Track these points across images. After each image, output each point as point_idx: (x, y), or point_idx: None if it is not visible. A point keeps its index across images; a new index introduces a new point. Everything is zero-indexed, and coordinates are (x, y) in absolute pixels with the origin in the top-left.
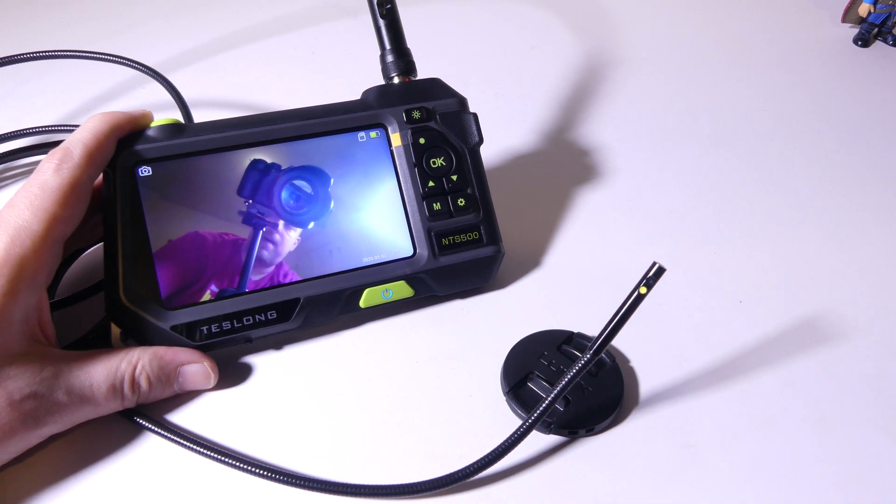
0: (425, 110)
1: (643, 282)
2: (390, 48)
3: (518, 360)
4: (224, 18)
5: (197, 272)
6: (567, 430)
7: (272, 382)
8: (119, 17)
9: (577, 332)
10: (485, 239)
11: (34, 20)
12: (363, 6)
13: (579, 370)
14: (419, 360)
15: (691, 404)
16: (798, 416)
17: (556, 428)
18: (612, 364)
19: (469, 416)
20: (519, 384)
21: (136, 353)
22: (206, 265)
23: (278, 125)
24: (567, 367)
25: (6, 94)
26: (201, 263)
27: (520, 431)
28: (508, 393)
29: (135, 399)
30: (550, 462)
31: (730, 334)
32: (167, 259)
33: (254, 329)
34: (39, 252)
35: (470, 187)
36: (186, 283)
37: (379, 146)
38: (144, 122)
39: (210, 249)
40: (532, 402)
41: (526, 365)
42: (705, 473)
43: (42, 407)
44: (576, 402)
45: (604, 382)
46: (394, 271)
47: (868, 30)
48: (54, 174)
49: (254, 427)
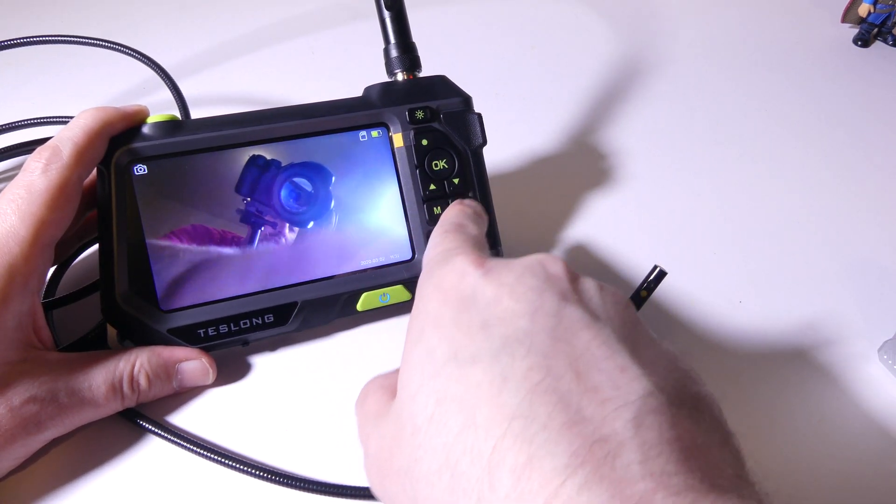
0: (429, 110)
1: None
2: (395, 42)
3: None
4: (224, 16)
5: (194, 273)
6: None
7: (272, 381)
8: (118, 15)
9: None
10: None
11: (27, 11)
12: (365, 6)
13: None
14: None
15: None
16: (799, 416)
17: None
18: None
19: None
20: None
21: (134, 353)
22: (204, 266)
23: (277, 123)
24: None
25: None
26: (199, 264)
27: None
28: None
29: (135, 398)
30: None
31: (730, 334)
32: (164, 260)
33: (251, 332)
34: (29, 258)
35: (471, 191)
36: (183, 284)
37: (380, 146)
38: (139, 118)
39: (207, 249)
40: None
41: None
42: None
43: (42, 411)
44: None
45: None
46: (392, 275)
47: (868, 30)
48: (42, 175)
49: (254, 427)
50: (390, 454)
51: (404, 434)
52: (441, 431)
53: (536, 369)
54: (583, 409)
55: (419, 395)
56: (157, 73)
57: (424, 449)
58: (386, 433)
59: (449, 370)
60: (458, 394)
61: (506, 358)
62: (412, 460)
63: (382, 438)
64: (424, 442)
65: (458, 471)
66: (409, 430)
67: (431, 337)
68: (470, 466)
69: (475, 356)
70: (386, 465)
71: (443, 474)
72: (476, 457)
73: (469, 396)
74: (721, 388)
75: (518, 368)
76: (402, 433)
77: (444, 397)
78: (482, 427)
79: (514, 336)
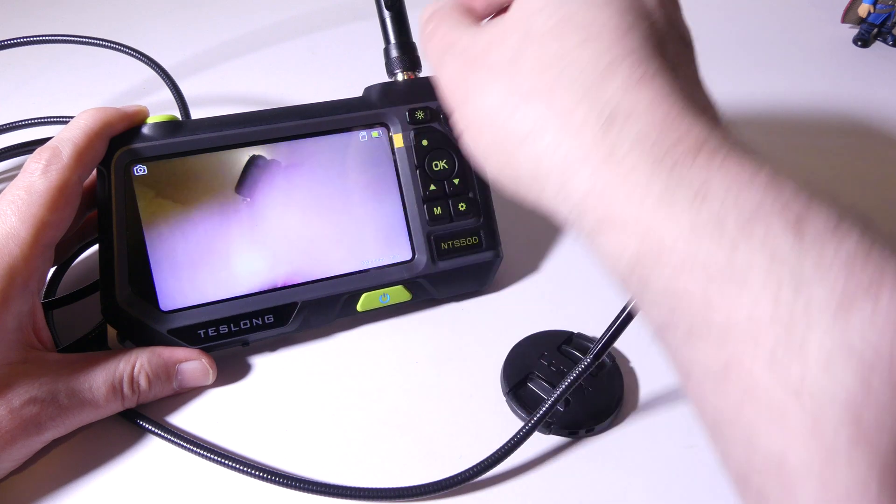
0: (429, 110)
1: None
2: (395, 42)
3: (518, 360)
4: (223, 16)
5: (194, 273)
6: (567, 431)
7: (272, 381)
8: (119, 15)
9: (578, 333)
10: (484, 244)
11: (26, 13)
12: (366, 6)
13: (580, 374)
14: (419, 361)
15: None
16: None
17: (557, 428)
18: (612, 365)
19: (469, 416)
20: (519, 385)
21: (134, 353)
22: (204, 266)
23: (277, 123)
24: (567, 368)
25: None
26: (199, 264)
27: (521, 433)
28: (508, 393)
29: (135, 399)
30: (550, 463)
31: None
32: (164, 260)
33: (251, 333)
34: (29, 259)
35: (472, 191)
36: (183, 284)
37: (380, 146)
38: (139, 118)
39: (208, 249)
40: (532, 403)
41: (526, 365)
42: (705, 474)
43: (42, 412)
44: (576, 402)
45: (604, 383)
46: (392, 275)
47: (868, 30)
48: (42, 176)
49: (254, 427)
50: (485, 51)
51: (511, 37)
52: (558, 40)
53: (655, 34)
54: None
55: (543, 11)
56: (157, 72)
57: (536, 46)
58: (480, 38)
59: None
60: (586, 21)
61: (632, 15)
62: (517, 53)
63: (475, 39)
64: (536, 43)
65: (567, 73)
66: (520, 34)
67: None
68: (580, 74)
69: (609, 2)
70: (479, 61)
71: (550, 69)
72: (589, 66)
73: (595, 27)
74: None
75: (641, 26)
76: (506, 36)
77: (568, 19)
78: (600, 50)
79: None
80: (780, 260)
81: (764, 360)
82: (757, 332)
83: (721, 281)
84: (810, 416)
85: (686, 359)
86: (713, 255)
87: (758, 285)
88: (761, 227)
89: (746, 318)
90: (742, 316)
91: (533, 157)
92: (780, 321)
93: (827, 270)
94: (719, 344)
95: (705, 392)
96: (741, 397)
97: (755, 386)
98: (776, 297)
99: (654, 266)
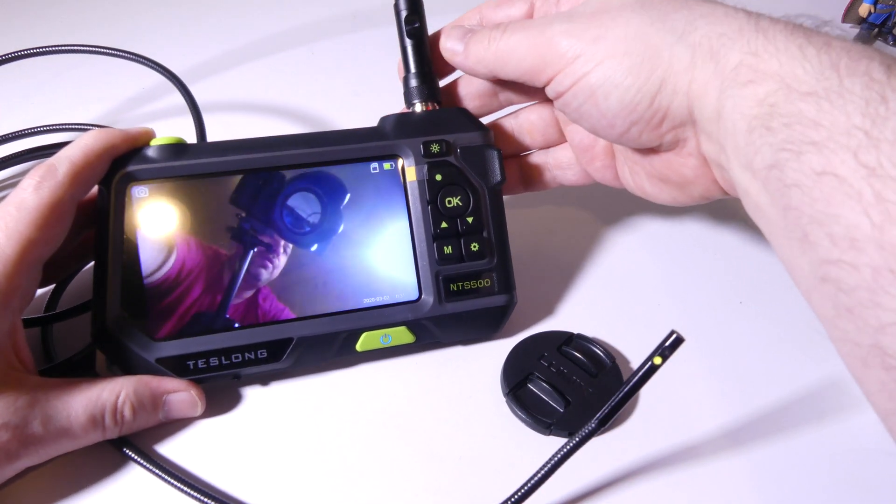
0: (445, 143)
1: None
2: (415, 72)
3: (518, 361)
4: (232, 24)
5: (188, 301)
6: (567, 432)
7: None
8: (120, 22)
9: (577, 334)
10: (496, 287)
11: (33, 22)
12: (372, 16)
13: (585, 437)
14: (419, 361)
15: (692, 405)
16: (800, 416)
17: (556, 429)
18: (612, 365)
19: (469, 417)
20: (519, 385)
21: (120, 382)
22: (199, 294)
23: (285, 151)
24: (567, 369)
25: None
26: (192, 288)
27: (555, 461)
28: (508, 394)
29: (117, 430)
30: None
31: (730, 334)
32: (158, 286)
33: (242, 367)
34: (11, 276)
35: (486, 230)
36: (176, 312)
37: (392, 179)
38: (144, 140)
39: (202, 272)
40: (532, 404)
41: (526, 366)
42: (705, 474)
43: (15, 439)
44: (576, 403)
45: (604, 383)
46: (395, 316)
47: (868, 30)
48: (33, 193)
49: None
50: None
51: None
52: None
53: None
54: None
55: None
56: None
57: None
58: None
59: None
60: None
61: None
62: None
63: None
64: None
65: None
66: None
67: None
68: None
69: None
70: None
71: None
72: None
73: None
74: (721, 388)
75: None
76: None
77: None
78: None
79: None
80: (875, 83)
81: (850, 159)
82: (847, 139)
83: (830, 101)
84: (876, 193)
85: (795, 171)
86: (830, 81)
87: (854, 103)
88: (863, 64)
89: (841, 130)
90: (839, 128)
91: (691, 45)
92: (863, 128)
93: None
94: (818, 151)
95: (807, 194)
96: (831, 191)
97: (842, 180)
98: (864, 112)
99: (786, 99)
